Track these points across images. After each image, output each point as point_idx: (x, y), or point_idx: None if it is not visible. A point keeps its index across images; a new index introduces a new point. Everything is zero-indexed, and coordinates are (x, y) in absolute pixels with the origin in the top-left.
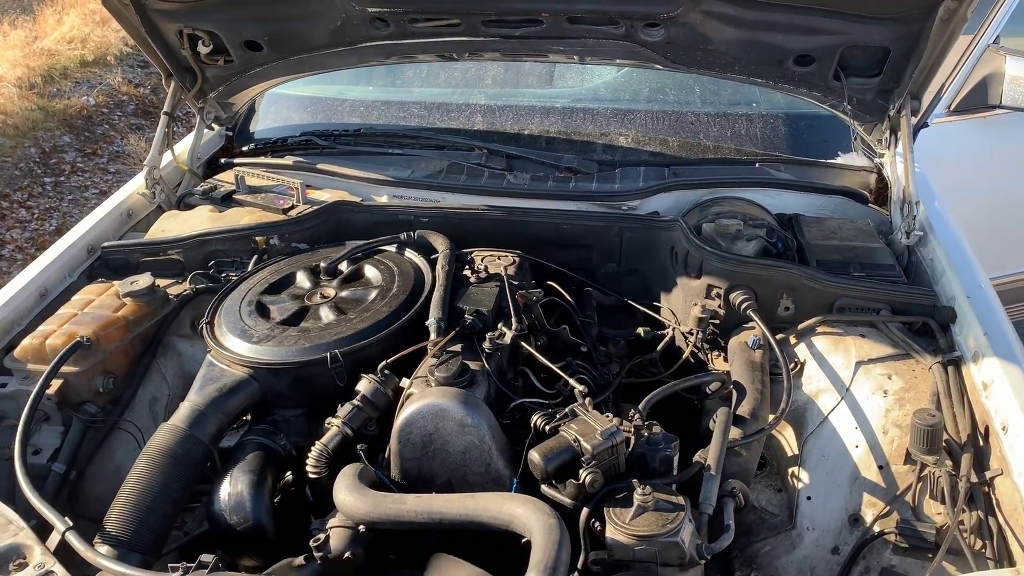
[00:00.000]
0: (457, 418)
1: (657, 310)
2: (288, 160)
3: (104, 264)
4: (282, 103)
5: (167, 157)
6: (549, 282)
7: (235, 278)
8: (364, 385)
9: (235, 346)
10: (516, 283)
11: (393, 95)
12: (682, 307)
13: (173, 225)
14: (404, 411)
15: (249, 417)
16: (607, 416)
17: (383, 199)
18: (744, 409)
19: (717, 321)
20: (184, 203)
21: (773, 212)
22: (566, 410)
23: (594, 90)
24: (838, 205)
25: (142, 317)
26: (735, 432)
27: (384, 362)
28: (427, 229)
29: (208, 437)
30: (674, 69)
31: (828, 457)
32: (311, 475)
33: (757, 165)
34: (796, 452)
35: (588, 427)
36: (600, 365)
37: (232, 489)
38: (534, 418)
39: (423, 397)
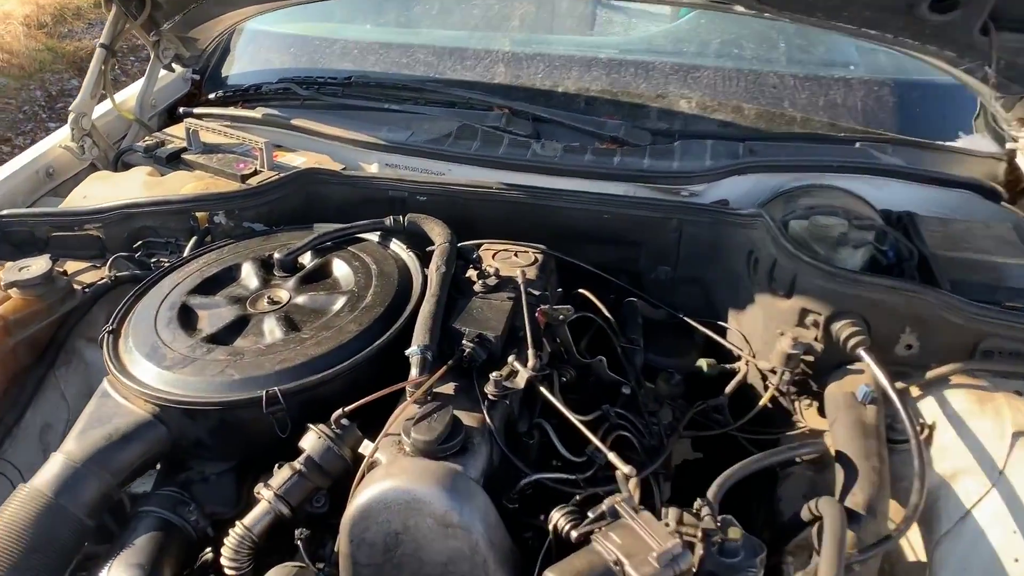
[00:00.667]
0: (438, 514)
1: (724, 333)
2: (258, 113)
3: (3, 238)
4: (261, 41)
5: (107, 104)
6: (581, 290)
7: (166, 265)
8: (311, 441)
9: (140, 371)
10: (537, 293)
11: (396, 36)
12: (761, 334)
13: (99, 191)
14: (360, 495)
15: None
16: (664, 523)
17: (372, 168)
18: (857, 499)
19: (811, 358)
20: (122, 162)
21: (877, 208)
22: (603, 506)
23: (648, 39)
24: (961, 202)
25: (30, 316)
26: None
27: (342, 409)
28: (423, 212)
29: (84, 508)
30: (758, 12)
31: (972, 570)
32: (227, 571)
33: (857, 145)
34: (922, 560)
35: (636, 541)
36: (647, 413)
37: None
38: (555, 517)
39: (390, 475)
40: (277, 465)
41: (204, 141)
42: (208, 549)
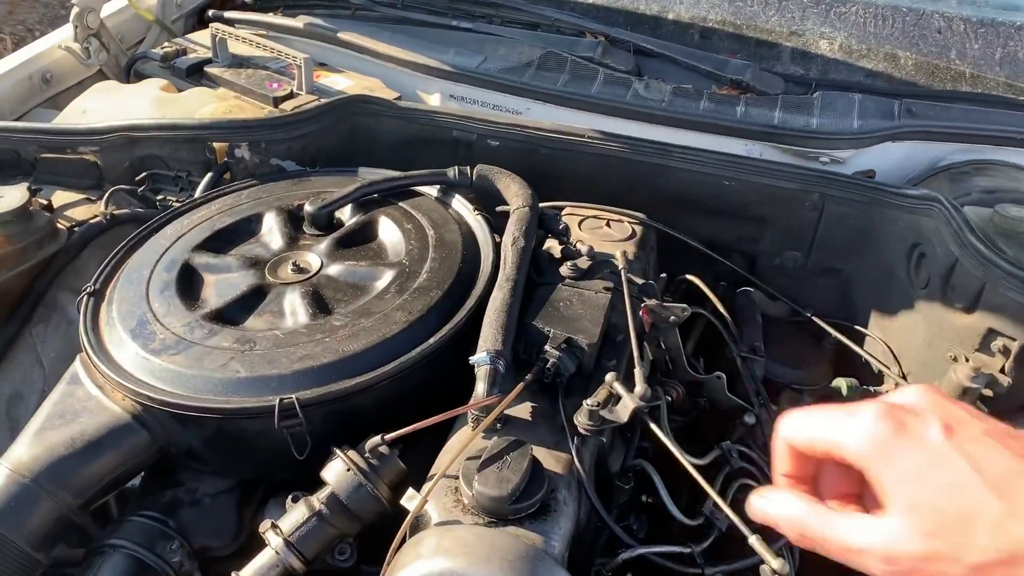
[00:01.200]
0: None
1: (863, 343)
2: (299, 22)
3: None
4: None
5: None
6: (689, 276)
7: (173, 205)
8: (337, 474)
9: (121, 353)
10: (640, 282)
11: None
12: (919, 352)
13: (102, 105)
14: (403, 572)
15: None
16: None
17: (432, 99)
18: None
19: (991, 394)
20: (135, 71)
21: None
22: None
23: None
24: None
25: (2, 259)
26: None
27: (381, 436)
28: (494, 159)
29: (32, 539)
30: None
31: None
32: None
33: None
34: None
35: None
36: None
37: None
38: None
39: (444, 551)
40: (290, 498)
41: (233, 52)
42: None
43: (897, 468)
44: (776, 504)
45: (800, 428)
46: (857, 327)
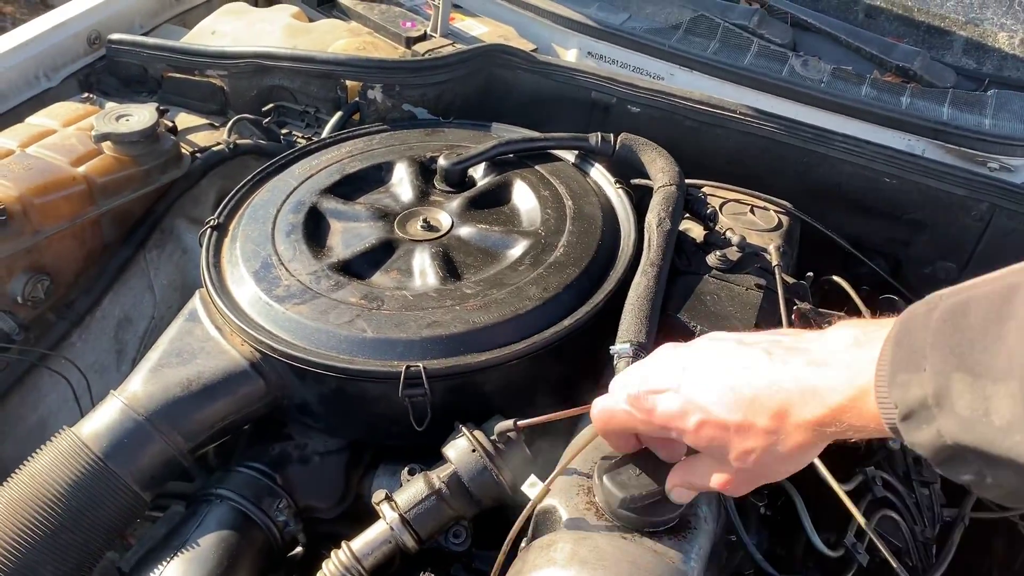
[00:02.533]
0: None
1: None
2: None
3: (108, 70)
4: None
5: None
6: (835, 277)
7: (301, 143)
8: (461, 454)
9: (244, 295)
10: (791, 281)
11: None
12: None
13: (232, 28)
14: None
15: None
16: None
17: (569, 55)
18: None
19: None
20: None
21: None
22: None
23: None
24: None
25: (123, 181)
26: None
27: (514, 421)
28: (634, 127)
29: (141, 477)
30: None
31: None
32: None
33: None
34: None
35: None
36: (920, 482)
37: None
38: None
39: (579, 561)
40: (407, 470)
41: None
42: (298, 549)
43: (673, 430)
44: (672, 479)
45: (608, 423)
46: None
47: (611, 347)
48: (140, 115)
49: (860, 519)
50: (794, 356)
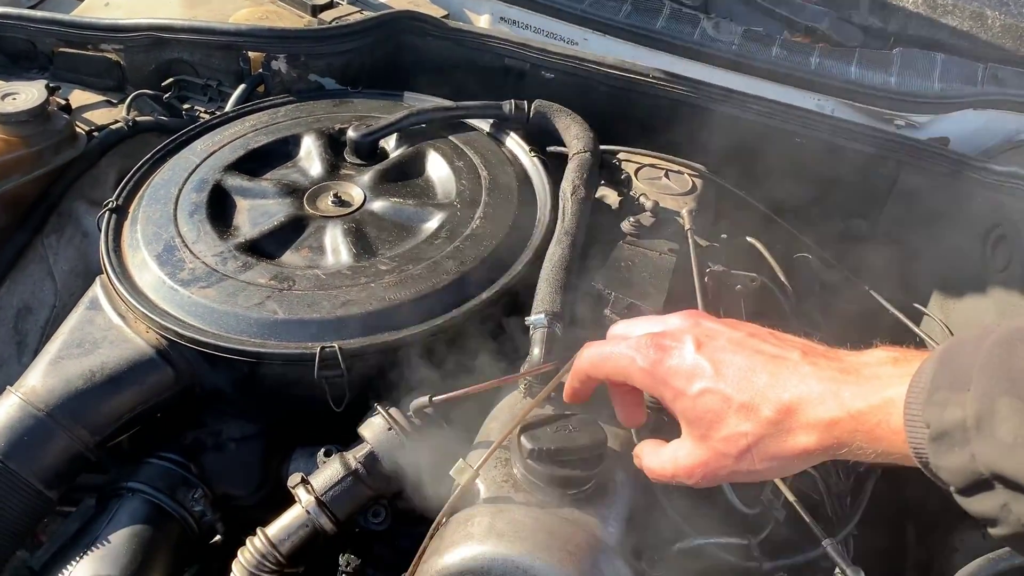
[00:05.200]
0: None
1: (921, 323)
2: None
3: None
4: None
5: None
6: (749, 239)
7: (204, 118)
8: (378, 433)
9: (147, 280)
10: (704, 244)
11: None
12: None
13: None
14: (449, 553)
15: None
16: None
17: (481, 20)
18: None
19: None
20: None
21: None
22: None
23: None
24: None
25: (14, 163)
26: None
27: (429, 396)
28: (548, 93)
29: (45, 475)
30: None
31: None
32: None
33: None
34: None
35: None
36: None
37: None
38: None
39: (497, 535)
40: (323, 452)
41: None
42: (217, 538)
43: (670, 388)
44: (636, 454)
45: (598, 367)
46: (916, 305)
47: (527, 318)
48: (28, 93)
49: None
50: (826, 360)
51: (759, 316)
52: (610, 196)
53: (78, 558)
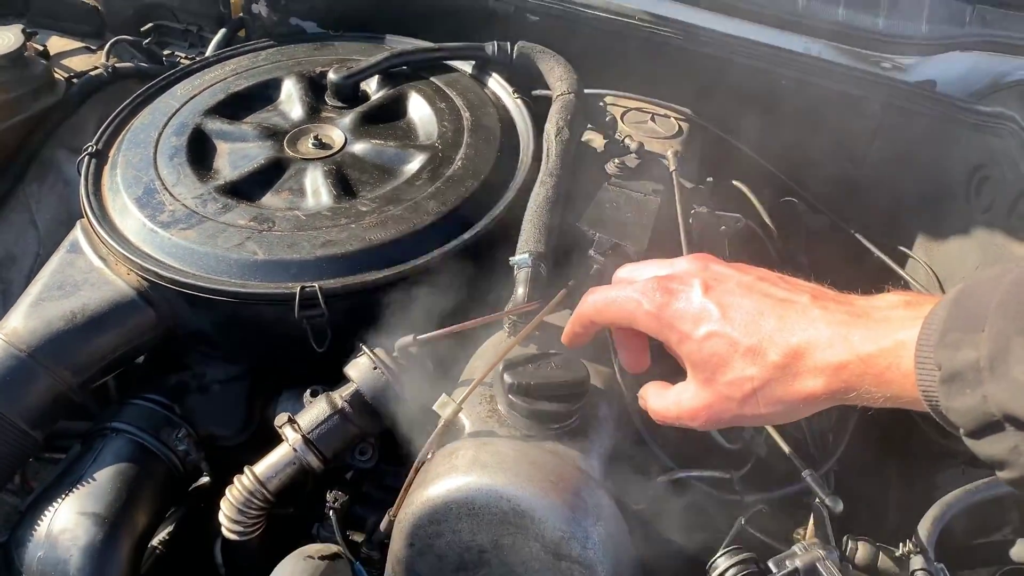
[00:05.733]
0: (551, 539)
1: (905, 265)
2: None
3: None
4: None
5: None
6: (735, 182)
7: (183, 62)
8: (363, 372)
9: (127, 223)
10: (689, 186)
11: None
12: (968, 274)
13: None
14: (434, 485)
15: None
16: None
17: None
18: None
19: None
20: None
21: None
22: (797, 563)
23: None
24: None
25: None
26: None
27: (413, 336)
28: (534, 36)
29: (29, 416)
30: None
31: None
32: (227, 534)
33: None
34: None
35: None
36: None
37: (48, 550)
38: (721, 566)
39: (481, 466)
40: (309, 392)
41: None
42: (203, 480)
43: (676, 331)
44: (640, 395)
45: (602, 312)
46: (901, 248)
47: (510, 258)
48: (4, 38)
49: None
50: (836, 304)
51: (744, 258)
52: (596, 140)
53: (63, 496)
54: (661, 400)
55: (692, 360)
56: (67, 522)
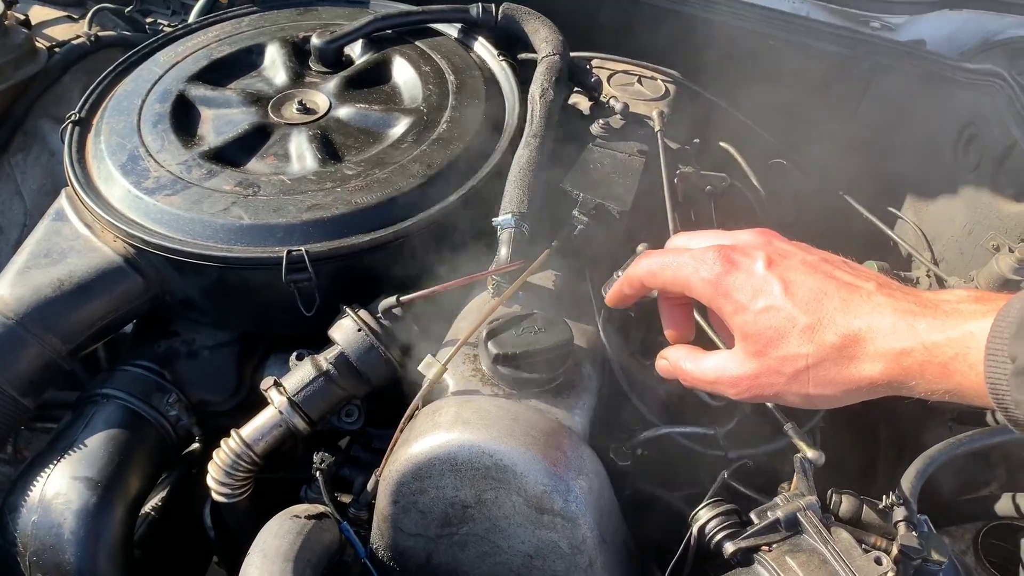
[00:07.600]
0: (533, 494)
1: (894, 225)
2: None
3: None
4: None
5: None
6: (723, 143)
7: (165, 29)
8: (347, 334)
9: (112, 191)
10: (674, 147)
11: None
12: (955, 237)
13: None
14: (418, 442)
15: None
16: (864, 548)
17: None
18: None
19: None
20: None
21: None
22: (778, 513)
23: None
24: None
25: None
26: None
27: (397, 296)
28: (521, 1)
29: (19, 383)
30: None
31: None
32: (215, 496)
33: None
34: None
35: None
36: None
37: (42, 515)
38: (703, 517)
39: (464, 423)
40: (295, 356)
41: None
42: (195, 446)
43: (732, 301)
44: (668, 357)
45: (656, 275)
46: (890, 208)
47: (494, 219)
48: None
49: None
50: (903, 293)
51: (730, 218)
52: (583, 103)
53: (55, 462)
54: (695, 364)
55: (745, 331)
56: (60, 487)
